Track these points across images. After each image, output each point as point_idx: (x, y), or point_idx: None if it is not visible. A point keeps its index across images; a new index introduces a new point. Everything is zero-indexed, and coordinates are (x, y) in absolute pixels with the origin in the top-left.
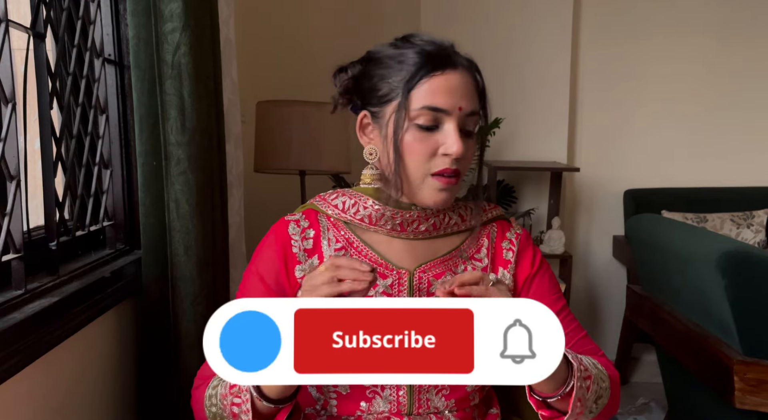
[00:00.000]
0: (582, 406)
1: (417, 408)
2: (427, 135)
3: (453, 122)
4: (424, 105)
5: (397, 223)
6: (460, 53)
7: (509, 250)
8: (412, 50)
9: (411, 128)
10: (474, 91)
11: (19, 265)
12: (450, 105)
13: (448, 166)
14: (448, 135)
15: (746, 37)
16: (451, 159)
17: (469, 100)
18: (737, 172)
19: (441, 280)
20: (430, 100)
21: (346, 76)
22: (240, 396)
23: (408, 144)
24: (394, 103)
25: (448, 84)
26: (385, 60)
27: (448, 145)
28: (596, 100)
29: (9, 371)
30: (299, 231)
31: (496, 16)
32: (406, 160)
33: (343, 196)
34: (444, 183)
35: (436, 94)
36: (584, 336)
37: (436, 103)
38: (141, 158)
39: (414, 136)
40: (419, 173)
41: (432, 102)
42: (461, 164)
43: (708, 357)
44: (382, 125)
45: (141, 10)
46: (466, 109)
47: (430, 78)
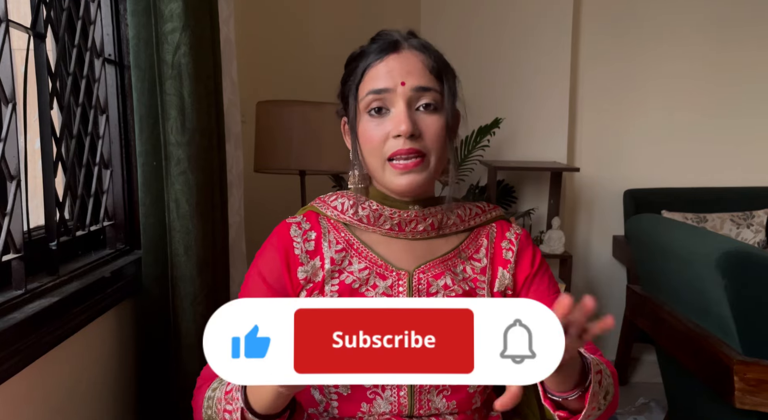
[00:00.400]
0: (595, 401)
1: (418, 409)
2: (379, 120)
3: (400, 101)
4: (368, 91)
5: (395, 223)
6: (413, 37)
7: (509, 250)
8: (368, 48)
9: (364, 118)
10: (422, 68)
11: (19, 265)
12: (391, 83)
13: (401, 147)
14: (395, 115)
15: (746, 38)
16: (402, 139)
17: (414, 76)
18: (737, 172)
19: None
20: (371, 85)
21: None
22: (232, 403)
23: (363, 133)
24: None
25: (388, 66)
26: (350, 64)
27: (396, 123)
28: (596, 99)
29: (9, 371)
30: (301, 233)
31: (497, 16)
32: (365, 151)
33: (342, 198)
34: (401, 168)
35: (376, 78)
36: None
37: (376, 85)
38: (141, 158)
39: (367, 124)
40: (377, 160)
41: (373, 86)
42: (422, 143)
43: (708, 357)
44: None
45: (141, 10)
46: (411, 84)
47: (372, 67)
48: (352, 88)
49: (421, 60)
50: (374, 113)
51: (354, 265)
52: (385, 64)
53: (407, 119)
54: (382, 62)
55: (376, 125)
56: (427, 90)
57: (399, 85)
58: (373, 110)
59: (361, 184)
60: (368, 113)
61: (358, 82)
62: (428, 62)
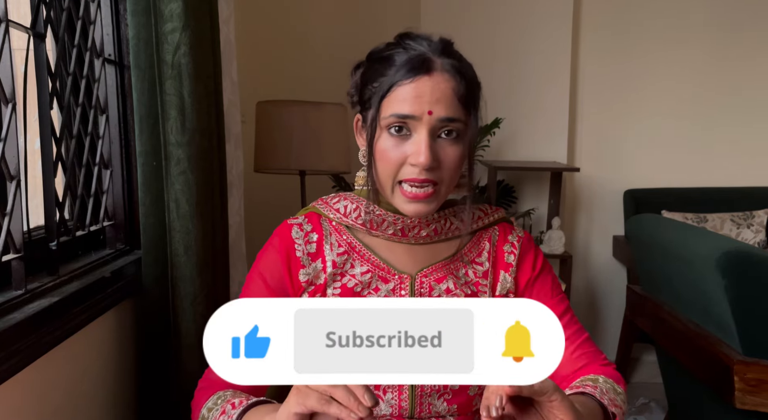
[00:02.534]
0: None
1: (419, 412)
2: (399, 142)
3: (424, 129)
4: (392, 113)
5: (399, 229)
6: (448, 54)
7: (511, 254)
8: (398, 55)
9: (383, 135)
10: (452, 97)
11: (19, 265)
12: (418, 110)
13: (416, 176)
14: (416, 143)
15: (746, 38)
16: (419, 169)
17: (442, 105)
18: (737, 172)
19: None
20: (397, 108)
21: (357, 74)
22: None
23: (380, 151)
24: (373, 110)
25: (417, 90)
26: (374, 64)
27: (416, 153)
28: (596, 99)
29: (9, 371)
30: (302, 235)
31: (497, 16)
32: (378, 167)
33: (345, 200)
34: (411, 197)
35: (404, 101)
36: (586, 339)
37: (403, 110)
38: (141, 158)
39: (386, 143)
40: (389, 181)
41: (399, 109)
42: (437, 174)
43: (708, 357)
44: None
45: (141, 10)
46: (438, 114)
47: (401, 85)
48: (375, 98)
49: (452, 86)
50: (395, 133)
51: (356, 268)
52: (415, 87)
53: (428, 151)
54: (412, 84)
55: (394, 146)
56: (452, 121)
57: (425, 114)
58: (394, 129)
59: (368, 187)
60: (388, 130)
61: (383, 95)
62: (459, 90)
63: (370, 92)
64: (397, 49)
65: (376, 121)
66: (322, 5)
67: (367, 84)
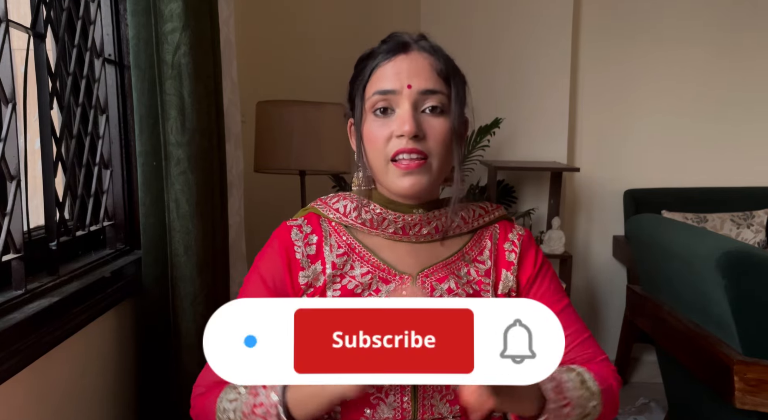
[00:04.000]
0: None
1: (421, 414)
2: (384, 121)
3: (406, 101)
4: (374, 92)
5: (399, 227)
6: (423, 40)
7: (512, 252)
8: (378, 49)
9: (369, 117)
10: (430, 70)
11: (19, 265)
12: (397, 85)
13: (404, 146)
14: (400, 115)
15: (746, 38)
16: (405, 139)
17: (421, 79)
18: (737, 172)
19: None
20: (378, 86)
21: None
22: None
23: (367, 134)
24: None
25: (396, 67)
26: (358, 66)
27: (400, 124)
28: (596, 100)
29: (9, 371)
30: (302, 237)
31: (496, 16)
32: (368, 151)
33: (344, 200)
34: (403, 167)
35: (383, 79)
36: (587, 338)
37: (382, 86)
38: (141, 158)
39: (372, 123)
40: (381, 159)
41: (379, 86)
42: (426, 145)
43: (708, 357)
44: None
45: (141, 10)
46: (417, 87)
47: (380, 67)
48: (359, 89)
49: (430, 62)
50: (379, 113)
51: (356, 269)
52: (393, 65)
53: (411, 119)
54: (390, 62)
55: (381, 125)
56: (433, 93)
57: (405, 87)
58: (379, 110)
59: (365, 187)
60: (373, 113)
61: (366, 82)
62: (437, 65)
63: (355, 88)
64: (379, 46)
65: (362, 108)
66: (322, 5)
67: (352, 84)
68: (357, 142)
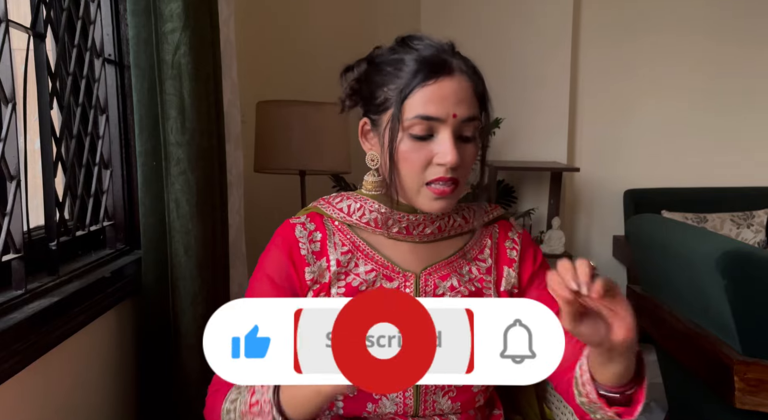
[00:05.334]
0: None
1: (423, 410)
2: (422, 144)
3: (448, 130)
4: (416, 114)
5: (403, 227)
6: (458, 56)
7: (513, 250)
8: (409, 56)
9: (405, 138)
10: (472, 96)
11: (19, 265)
12: (443, 113)
13: (442, 175)
14: (442, 144)
15: (745, 38)
16: (446, 168)
17: (464, 106)
18: (737, 172)
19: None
20: (422, 110)
21: (352, 76)
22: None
23: (403, 154)
24: (389, 112)
25: (442, 92)
26: (383, 66)
27: (443, 154)
28: (596, 100)
29: (9, 371)
30: (306, 234)
31: (496, 16)
32: (401, 170)
33: (348, 200)
34: (438, 193)
35: (429, 103)
36: None
37: (428, 112)
38: (141, 158)
39: (408, 145)
40: (414, 183)
41: (424, 111)
42: (458, 172)
43: (708, 357)
44: (380, 133)
45: (141, 10)
46: (461, 116)
47: (423, 87)
48: (395, 101)
49: (472, 87)
50: (418, 138)
51: (360, 267)
52: (439, 88)
53: (454, 152)
54: (435, 85)
55: (419, 148)
56: (472, 120)
57: (450, 116)
58: (418, 130)
59: (376, 192)
60: (412, 135)
61: (405, 97)
62: (477, 89)
63: (385, 95)
64: (406, 50)
65: (398, 124)
66: (322, 6)
67: (379, 87)
68: (386, 156)
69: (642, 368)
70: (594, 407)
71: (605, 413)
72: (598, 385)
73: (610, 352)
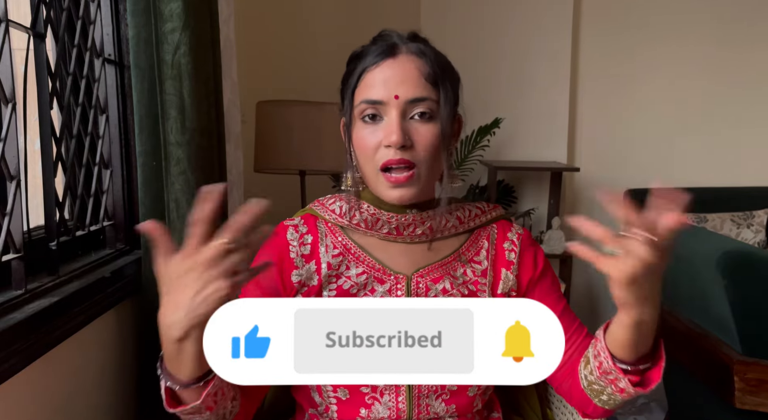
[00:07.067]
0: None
1: (417, 414)
2: (372, 128)
3: (393, 111)
4: (362, 100)
5: (393, 227)
6: (416, 40)
7: (511, 251)
8: (368, 49)
9: (358, 124)
10: (419, 77)
11: (19, 265)
12: (384, 95)
13: (392, 157)
14: (388, 124)
15: (746, 38)
16: (393, 149)
17: (407, 87)
18: (737, 172)
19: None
20: (365, 95)
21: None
22: (165, 394)
23: (356, 140)
24: (347, 102)
25: (383, 75)
26: (348, 65)
27: (387, 134)
28: (596, 100)
29: (9, 371)
30: (297, 236)
31: (496, 16)
32: (359, 157)
33: (340, 201)
34: (393, 181)
35: (371, 87)
36: (586, 336)
37: (370, 96)
38: (141, 158)
39: (361, 130)
40: (370, 168)
41: (367, 95)
42: (412, 154)
43: (708, 357)
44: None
45: (141, 10)
46: (405, 97)
47: (367, 73)
48: (349, 91)
49: (418, 67)
50: (368, 120)
51: (352, 269)
52: (381, 71)
53: (398, 130)
54: (377, 68)
55: (370, 132)
56: (421, 100)
57: (392, 98)
58: (367, 117)
59: (354, 188)
60: (362, 119)
61: (354, 86)
62: (425, 69)
63: (346, 89)
64: (369, 45)
65: (351, 113)
66: (322, 5)
67: (343, 84)
68: (347, 145)
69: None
70: (604, 381)
71: (616, 384)
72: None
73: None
